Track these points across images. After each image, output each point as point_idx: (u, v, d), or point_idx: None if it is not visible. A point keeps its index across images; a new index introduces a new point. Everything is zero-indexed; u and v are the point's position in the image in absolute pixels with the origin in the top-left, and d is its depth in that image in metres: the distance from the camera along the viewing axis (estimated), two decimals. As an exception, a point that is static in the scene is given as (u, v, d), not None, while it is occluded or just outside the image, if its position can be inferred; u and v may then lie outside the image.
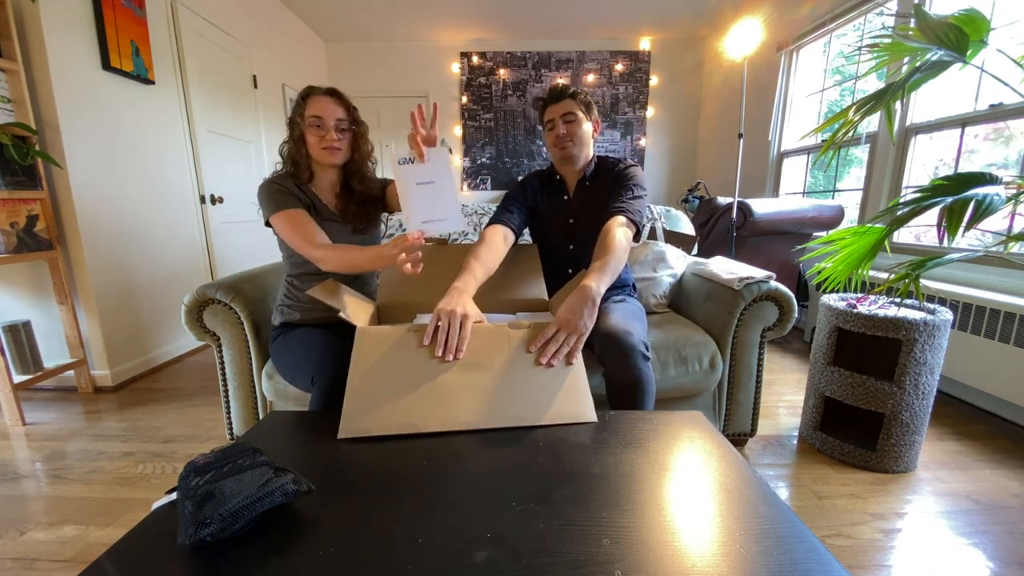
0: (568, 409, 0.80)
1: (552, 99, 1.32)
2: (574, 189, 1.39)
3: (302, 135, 1.18)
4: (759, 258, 2.50)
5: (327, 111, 1.16)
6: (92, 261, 2.01)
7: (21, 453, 1.54)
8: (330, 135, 1.16)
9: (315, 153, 1.19)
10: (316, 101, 1.16)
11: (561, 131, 1.30)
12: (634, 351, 1.10)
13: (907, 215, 1.06)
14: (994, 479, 1.36)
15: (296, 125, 1.18)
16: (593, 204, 1.34)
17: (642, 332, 1.18)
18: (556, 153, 1.35)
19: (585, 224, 1.35)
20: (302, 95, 1.18)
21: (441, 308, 0.88)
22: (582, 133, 1.31)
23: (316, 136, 1.16)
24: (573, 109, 1.29)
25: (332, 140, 1.17)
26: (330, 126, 1.16)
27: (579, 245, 1.38)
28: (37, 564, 1.05)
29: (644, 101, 4.70)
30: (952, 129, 2.13)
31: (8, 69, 1.71)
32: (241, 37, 3.14)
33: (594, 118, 1.34)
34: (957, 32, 1.01)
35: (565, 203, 1.40)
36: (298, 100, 1.18)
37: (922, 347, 1.29)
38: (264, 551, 0.49)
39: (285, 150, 1.22)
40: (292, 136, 1.20)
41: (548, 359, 0.85)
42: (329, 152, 1.18)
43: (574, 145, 1.31)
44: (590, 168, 1.37)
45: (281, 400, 1.30)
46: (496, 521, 0.53)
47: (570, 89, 1.31)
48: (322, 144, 1.16)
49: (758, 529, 0.52)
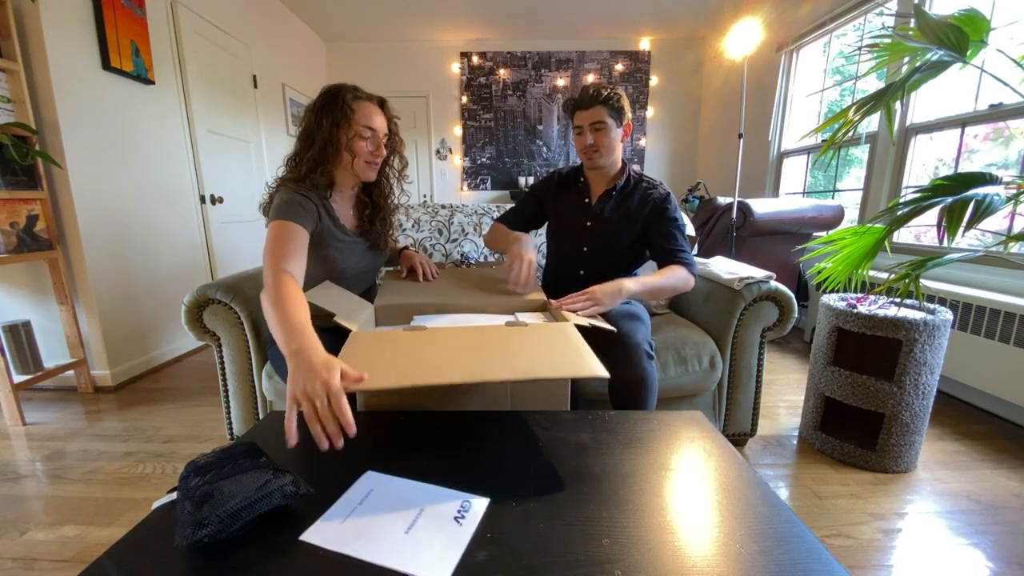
0: (576, 362, 0.71)
1: (582, 105, 1.25)
2: (599, 196, 1.38)
3: (336, 140, 1.02)
4: (759, 258, 2.50)
5: (379, 123, 1.05)
6: (92, 261, 2.01)
7: (21, 453, 1.54)
8: (380, 151, 1.06)
9: (356, 166, 1.06)
10: (366, 108, 1.03)
11: (589, 141, 1.27)
12: (639, 349, 1.11)
13: (907, 215, 1.06)
14: (994, 479, 1.36)
15: (334, 128, 1.01)
16: (616, 218, 1.34)
17: (646, 332, 1.19)
18: (584, 160, 1.35)
19: (602, 231, 1.36)
20: (346, 96, 1.02)
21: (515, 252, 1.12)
22: (610, 142, 1.28)
23: (368, 148, 1.04)
24: (603, 117, 1.24)
25: (381, 156, 1.07)
26: (381, 141, 1.06)
27: (592, 249, 1.38)
28: (37, 564, 1.05)
29: (644, 101, 4.71)
30: (952, 129, 2.13)
31: (8, 69, 1.71)
32: (241, 37, 3.14)
33: (626, 122, 1.29)
34: (957, 32, 1.01)
35: (586, 205, 1.39)
36: (334, 100, 1.01)
37: (922, 347, 1.29)
38: (264, 551, 0.49)
39: (308, 155, 1.04)
40: (320, 138, 1.02)
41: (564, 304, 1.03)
42: (371, 168, 1.08)
43: (601, 156, 1.30)
44: (620, 180, 1.35)
45: (281, 400, 1.30)
46: (496, 521, 0.53)
47: (603, 93, 1.23)
48: (369, 158, 1.06)
49: (758, 529, 0.52)
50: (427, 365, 0.69)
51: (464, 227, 1.96)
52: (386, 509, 0.55)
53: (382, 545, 0.49)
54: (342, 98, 1.01)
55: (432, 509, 0.55)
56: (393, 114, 1.11)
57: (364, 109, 1.03)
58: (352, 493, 0.58)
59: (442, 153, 4.80)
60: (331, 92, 1.03)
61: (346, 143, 1.03)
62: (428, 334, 0.79)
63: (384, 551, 0.48)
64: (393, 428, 0.77)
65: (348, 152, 1.04)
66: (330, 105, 1.02)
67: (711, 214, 2.62)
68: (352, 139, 1.03)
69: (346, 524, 0.53)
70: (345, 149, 1.04)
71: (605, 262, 1.37)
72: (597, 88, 1.24)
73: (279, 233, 0.95)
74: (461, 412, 0.82)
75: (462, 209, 2.02)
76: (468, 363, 0.69)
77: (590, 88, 1.25)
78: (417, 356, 0.71)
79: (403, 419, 0.79)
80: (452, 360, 0.70)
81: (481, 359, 0.70)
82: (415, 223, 1.94)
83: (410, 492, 0.58)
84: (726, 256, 2.23)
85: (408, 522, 0.53)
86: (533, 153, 4.82)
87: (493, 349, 0.73)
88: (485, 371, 0.67)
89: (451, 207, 2.03)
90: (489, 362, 0.69)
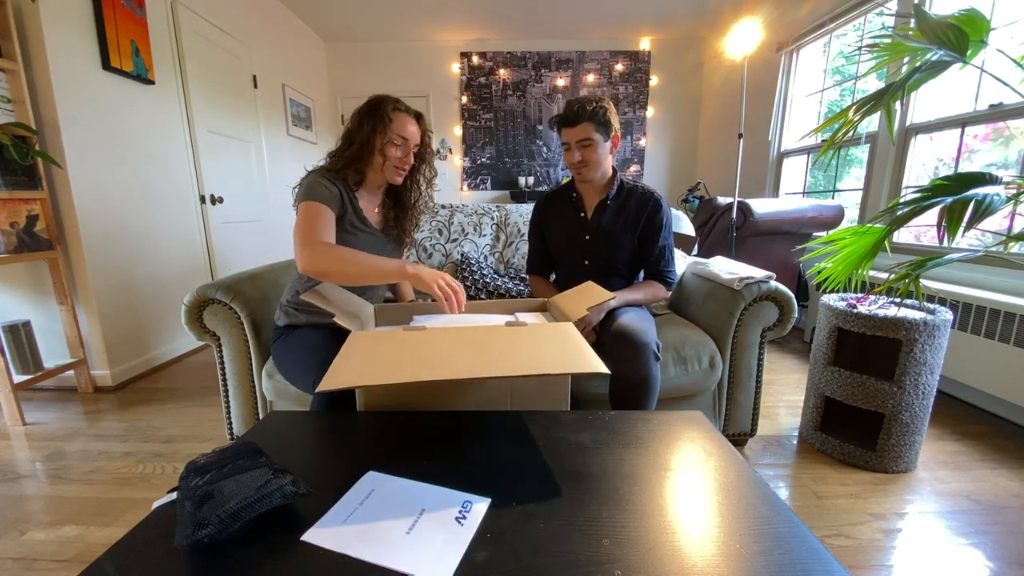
0: (577, 359, 0.70)
1: (568, 122, 1.26)
2: (593, 208, 1.40)
3: (371, 143, 1.14)
4: (759, 258, 2.50)
5: (412, 134, 1.17)
6: (92, 261, 2.01)
7: (21, 453, 1.54)
8: (409, 158, 1.18)
9: (385, 168, 1.17)
10: (403, 120, 1.15)
11: (576, 157, 1.29)
12: (648, 349, 1.11)
13: (907, 215, 1.06)
14: (994, 479, 1.36)
15: (372, 132, 1.13)
16: (612, 228, 1.37)
17: (654, 333, 1.20)
18: (573, 174, 1.37)
19: (601, 243, 1.39)
20: (388, 106, 1.14)
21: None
22: (598, 157, 1.30)
23: (398, 154, 1.16)
24: (589, 134, 1.25)
25: (409, 163, 1.19)
26: (411, 150, 1.18)
27: (593, 261, 1.41)
28: (37, 564, 1.05)
29: (644, 101, 4.71)
30: (952, 129, 2.13)
31: (8, 69, 1.71)
32: (241, 37, 3.14)
33: (613, 134, 1.30)
34: (957, 32, 1.01)
35: (582, 220, 1.41)
36: (378, 108, 1.14)
37: (922, 347, 1.29)
38: (265, 552, 0.49)
39: (347, 152, 1.16)
40: (359, 139, 1.15)
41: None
42: (398, 172, 1.18)
43: (590, 171, 1.32)
44: (612, 189, 1.37)
45: (281, 400, 1.30)
46: (496, 521, 0.53)
47: (588, 109, 1.24)
48: (398, 164, 1.17)
49: (758, 529, 0.52)
50: (427, 362, 0.69)
51: (464, 227, 1.96)
52: (387, 509, 0.55)
53: (384, 546, 0.49)
54: (384, 108, 1.13)
55: (433, 509, 0.55)
56: (428, 128, 1.23)
57: (401, 120, 1.14)
58: (353, 494, 0.58)
59: (442, 153, 4.80)
60: (375, 101, 1.15)
61: (380, 147, 1.14)
62: (428, 334, 0.79)
63: (386, 552, 0.48)
64: (394, 428, 0.77)
65: (380, 155, 1.15)
66: (373, 112, 1.13)
67: (711, 214, 2.62)
68: (385, 144, 1.14)
69: (347, 524, 0.52)
70: (378, 152, 1.15)
71: (607, 274, 1.40)
72: (582, 103, 1.25)
73: (309, 212, 1.06)
74: (461, 412, 0.82)
75: (462, 209, 2.02)
76: (468, 360, 0.69)
77: (575, 104, 1.26)
78: (417, 354, 0.71)
79: (404, 419, 0.79)
80: (452, 358, 0.70)
81: (481, 357, 0.70)
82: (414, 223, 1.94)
83: (411, 492, 0.58)
84: (726, 256, 2.23)
85: (409, 523, 0.53)
86: (533, 153, 4.82)
87: (493, 347, 0.73)
88: (485, 367, 0.66)
89: (451, 207, 2.03)
90: (489, 359, 0.69)
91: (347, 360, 0.69)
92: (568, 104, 1.28)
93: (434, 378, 0.64)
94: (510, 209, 2.04)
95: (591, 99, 1.26)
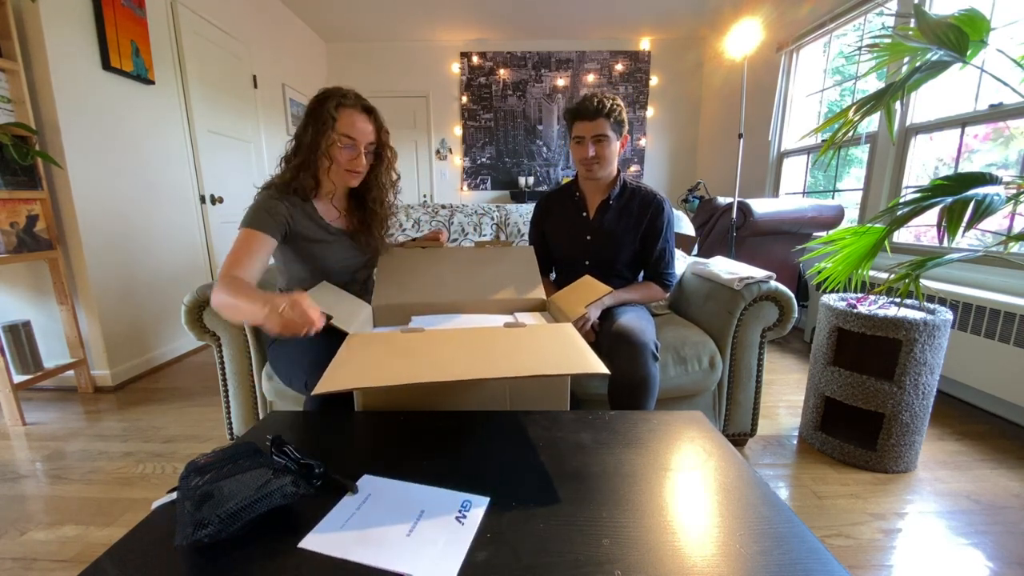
0: (576, 360, 0.69)
1: (585, 115, 1.24)
2: (596, 208, 1.39)
3: (317, 146, 1.02)
4: (759, 258, 2.50)
5: (361, 132, 1.03)
6: (92, 261, 2.01)
7: (21, 453, 1.54)
8: (360, 160, 1.05)
9: (335, 174, 1.07)
10: (349, 117, 1.02)
11: (590, 153, 1.27)
12: (646, 349, 1.11)
13: (907, 215, 1.06)
14: (994, 479, 1.36)
15: (316, 134, 1.02)
16: (614, 228, 1.37)
17: (653, 333, 1.20)
18: (582, 171, 1.35)
19: (603, 244, 1.39)
20: (331, 103, 1.01)
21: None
22: (610, 154, 1.29)
23: (346, 157, 1.04)
24: (605, 130, 1.24)
25: (361, 165, 1.06)
26: (361, 150, 1.04)
27: (594, 261, 1.41)
28: (37, 564, 1.05)
29: (644, 101, 4.71)
30: (952, 129, 2.13)
31: (8, 69, 1.71)
32: (241, 37, 3.14)
33: (624, 134, 1.30)
34: (957, 32, 1.01)
35: (584, 219, 1.41)
36: (321, 106, 1.01)
37: (922, 347, 1.29)
38: (264, 560, 0.49)
39: (294, 160, 1.05)
40: (305, 143, 1.03)
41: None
42: (352, 175, 1.07)
43: (601, 167, 1.30)
44: (614, 190, 1.36)
45: (281, 400, 1.30)
46: (496, 521, 0.53)
47: (607, 106, 1.22)
48: (349, 167, 1.05)
49: (758, 529, 0.52)
50: (425, 364, 0.69)
51: (464, 227, 1.96)
52: (386, 512, 0.55)
53: (384, 548, 0.49)
54: (326, 105, 1.01)
55: (433, 510, 0.55)
56: (383, 124, 1.09)
57: (347, 117, 1.02)
58: (350, 498, 0.58)
59: (442, 153, 4.81)
60: (319, 98, 1.04)
61: (325, 150, 1.03)
62: (426, 335, 0.79)
63: (386, 554, 0.48)
64: (392, 429, 0.77)
65: (327, 158, 1.04)
66: (315, 111, 1.02)
67: (711, 214, 2.62)
68: (330, 146, 1.02)
69: (346, 529, 0.52)
70: (324, 156, 1.04)
71: (607, 274, 1.39)
72: (601, 99, 1.23)
73: (240, 242, 1.00)
74: (461, 412, 0.82)
75: (462, 209, 2.02)
76: (467, 361, 0.68)
77: (594, 99, 1.23)
78: (415, 356, 0.71)
79: (402, 419, 0.79)
80: (451, 359, 0.70)
81: (480, 358, 0.70)
82: (415, 223, 1.94)
83: (410, 494, 0.58)
84: (726, 256, 2.23)
85: (409, 524, 0.53)
86: (533, 153, 4.82)
87: (492, 348, 0.73)
88: (485, 369, 0.66)
89: (451, 207, 2.03)
90: (488, 360, 0.69)
91: (344, 362, 0.69)
92: (586, 97, 1.25)
93: (432, 380, 0.64)
94: (510, 209, 2.04)
95: (609, 95, 1.25)
